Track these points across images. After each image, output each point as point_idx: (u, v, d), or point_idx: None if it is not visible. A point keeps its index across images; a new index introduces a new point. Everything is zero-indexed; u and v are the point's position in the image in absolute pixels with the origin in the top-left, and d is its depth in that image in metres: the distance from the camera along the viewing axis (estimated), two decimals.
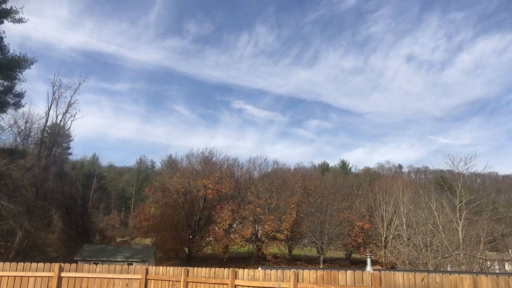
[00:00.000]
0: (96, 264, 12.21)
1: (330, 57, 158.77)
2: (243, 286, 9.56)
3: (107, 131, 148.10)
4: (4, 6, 28.40)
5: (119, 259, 38.38)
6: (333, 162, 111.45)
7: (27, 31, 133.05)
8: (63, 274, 11.28)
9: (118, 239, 65.67)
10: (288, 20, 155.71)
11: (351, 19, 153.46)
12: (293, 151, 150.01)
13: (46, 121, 46.97)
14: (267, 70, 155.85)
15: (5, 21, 28.84)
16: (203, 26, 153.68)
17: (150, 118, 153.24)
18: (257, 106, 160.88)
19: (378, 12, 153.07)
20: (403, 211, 50.83)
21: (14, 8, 28.70)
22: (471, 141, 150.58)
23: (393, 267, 41.49)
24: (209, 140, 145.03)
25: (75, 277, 11.34)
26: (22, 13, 29.06)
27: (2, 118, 33.21)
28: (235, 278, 9.76)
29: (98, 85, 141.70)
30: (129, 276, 11.48)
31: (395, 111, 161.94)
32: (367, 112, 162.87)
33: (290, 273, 8.71)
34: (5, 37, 29.09)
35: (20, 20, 29.19)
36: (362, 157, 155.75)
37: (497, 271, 35.24)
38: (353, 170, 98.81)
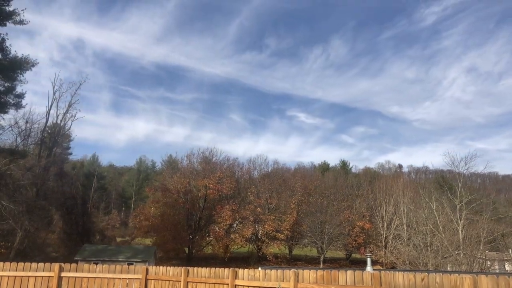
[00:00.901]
0: (96, 264, 12.19)
1: (395, 68, 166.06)
2: (243, 286, 9.56)
3: (156, 136, 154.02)
4: (7, 8, 28.47)
5: (119, 259, 38.39)
6: (334, 162, 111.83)
7: (123, 45, 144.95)
8: (63, 274, 11.28)
9: (118, 239, 65.68)
10: (365, 35, 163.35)
11: (425, 35, 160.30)
12: (331, 155, 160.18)
13: (47, 121, 47.09)
14: (330, 81, 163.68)
15: (8, 23, 28.96)
16: (282, 41, 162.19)
17: (202, 124, 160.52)
18: (309, 113, 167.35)
19: (452, 30, 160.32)
20: (403, 211, 50.83)
21: (16, 11, 28.86)
22: (509, 147, 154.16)
23: (393, 267, 41.49)
24: (251, 145, 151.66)
25: (75, 277, 11.34)
26: (24, 15, 29.25)
27: (3, 118, 33.22)
28: (235, 278, 9.76)
29: (164, 94, 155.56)
30: (129, 276, 11.48)
31: (441, 118, 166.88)
32: (414, 120, 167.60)
33: (290, 273, 8.71)
34: (7, 39, 29.19)
35: (21, 22, 29.29)
36: (397, 160, 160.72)
37: (497, 271, 35.23)
38: (353, 170, 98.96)
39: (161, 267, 11.68)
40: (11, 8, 28.75)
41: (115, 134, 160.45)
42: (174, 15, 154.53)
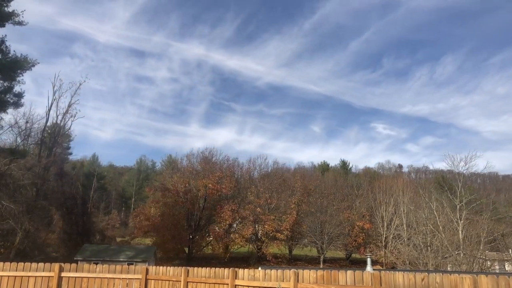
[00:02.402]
0: (96, 264, 12.18)
1: (490, 86, 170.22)
2: (243, 286, 9.56)
3: (232, 144, 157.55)
4: (6, 9, 28.49)
5: (119, 259, 38.40)
6: (334, 162, 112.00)
7: (248, 67, 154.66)
8: (63, 274, 11.28)
9: (118, 239, 65.67)
10: (475, 57, 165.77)
11: None
12: (390, 159, 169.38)
13: (47, 121, 47.04)
14: (425, 97, 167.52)
15: (7, 24, 28.99)
16: (399, 60, 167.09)
17: (280, 134, 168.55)
18: (390, 124, 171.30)
19: None
20: (403, 211, 50.82)
21: (16, 11, 28.90)
22: None
23: (393, 267, 41.49)
24: (317, 152, 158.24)
25: (75, 277, 11.34)
26: (23, 16, 29.30)
27: (2, 118, 33.22)
28: (235, 278, 9.76)
29: (261, 109, 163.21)
30: (129, 276, 11.48)
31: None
32: (486, 131, 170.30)
33: (290, 273, 8.71)
34: (7, 40, 29.23)
35: (20, 23, 29.33)
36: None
37: (497, 271, 35.22)
38: (353, 170, 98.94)
39: (161, 267, 11.68)
40: (10, 9, 28.80)
41: (195, 142, 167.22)
42: (304, 42, 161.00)
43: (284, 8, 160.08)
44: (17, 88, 31.10)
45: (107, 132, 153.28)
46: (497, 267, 37.20)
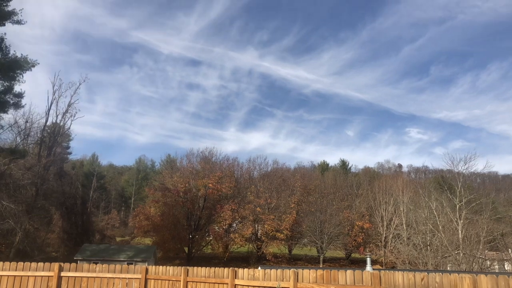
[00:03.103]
0: (96, 263, 12.17)
1: None
2: (243, 285, 9.56)
3: (264, 148, 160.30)
4: (6, 8, 28.48)
5: (118, 259, 38.40)
6: (334, 162, 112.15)
7: (300, 76, 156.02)
8: (63, 274, 11.28)
9: (118, 239, 65.69)
10: None
11: None
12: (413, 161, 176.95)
13: (46, 120, 47.06)
14: (465, 104, 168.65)
15: (6, 23, 28.97)
16: (447, 69, 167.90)
17: (313, 138, 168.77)
18: (424, 129, 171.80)
19: None
20: (403, 211, 50.85)
21: (15, 11, 28.89)
22: None
23: (393, 267, 41.51)
24: (347, 154, 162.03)
25: (75, 277, 11.33)
26: (21, 15, 29.28)
27: (3, 118, 33.21)
28: (235, 278, 9.76)
29: (301, 114, 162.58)
30: (129, 275, 11.48)
31: None
32: None
33: (290, 272, 8.71)
34: (6, 38, 29.19)
35: (19, 22, 29.32)
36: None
37: (497, 271, 35.24)
38: (353, 169, 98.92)
39: (160, 266, 11.67)
40: (9, 8, 28.79)
41: (228, 146, 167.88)
42: (358, 52, 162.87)
43: (347, 19, 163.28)
44: (17, 89, 31.12)
45: (145, 136, 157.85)
46: (496, 266, 37.20)
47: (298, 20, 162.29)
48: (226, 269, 10.06)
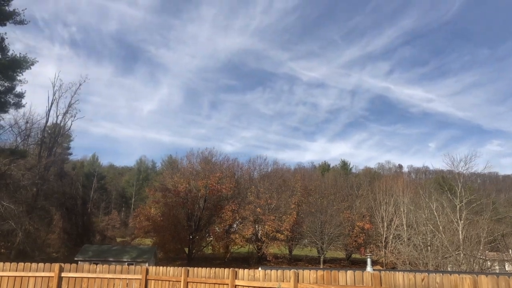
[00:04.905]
0: (96, 264, 12.18)
1: None
2: (243, 286, 9.56)
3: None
4: (7, 8, 28.50)
5: (119, 259, 38.38)
6: (334, 162, 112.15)
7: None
8: (63, 274, 11.28)
9: (118, 239, 65.71)
10: None
11: None
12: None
13: (47, 121, 47.08)
14: None
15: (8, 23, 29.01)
16: None
17: (393, 149, 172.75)
18: (507, 142, 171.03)
19: None
20: (404, 211, 50.80)
21: (17, 11, 28.93)
22: None
23: (393, 267, 41.47)
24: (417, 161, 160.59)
25: (75, 277, 11.34)
26: (24, 15, 29.30)
27: (3, 118, 33.24)
28: (235, 278, 9.76)
29: (396, 129, 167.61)
30: (129, 276, 11.48)
31: None
32: None
33: (290, 273, 8.71)
34: (7, 38, 29.20)
35: (21, 22, 29.34)
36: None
37: (497, 271, 35.20)
38: (353, 170, 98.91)
39: (161, 267, 11.68)
40: (11, 8, 28.83)
41: (307, 155, 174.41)
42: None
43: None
44: (18, 89, 31.16)
45: (235, 146, 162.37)
46: (497, 267, 37.15)
47: (426, 50, 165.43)
48: (226, 269, 10.06)
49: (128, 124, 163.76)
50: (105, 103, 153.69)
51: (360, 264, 49.43)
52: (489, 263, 35.70)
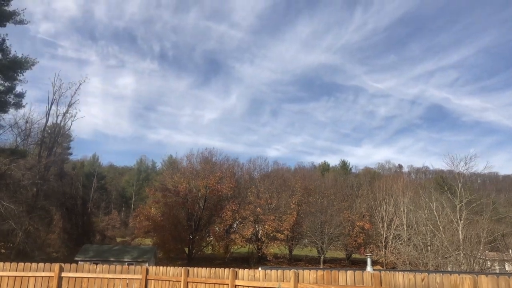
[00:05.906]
0: (96, 264, 12.18)
1: None
2: (243, 286, 9.56)
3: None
4: (7, 8, 28.51)
5: (119, 259, 38.37)
6: (334, 162, 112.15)
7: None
8: (63, 274, 11.29)
9: (118, 239, 65.71)
10: None
11: None
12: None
13: (47, 121, 47.01)
14: None
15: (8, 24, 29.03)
16: None
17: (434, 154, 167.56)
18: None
19: None
20: (404, 211, 50.81)
21: (17, 11, 28.95)
22: None
23: (393, 267, 41.47)
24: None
25: (75, 277, 11.34)
26: (24, 15, 29.32)
27: (3, 118, 33.23)
28: (235, 278, 9.76)
29: (441, 136, 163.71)
30: (129, 276, 11.48)
31: None
32: None
33: (290, 273, 8.71)
34: (8, 39, 29.24)
35: (21, 22, 29.35)
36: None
37: (497, 271, 35.20)
38: (353, 170, 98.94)
39: (161, 267, 11.68)
40: (11, 9, 28.84)
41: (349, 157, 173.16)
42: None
43: None
44: (18, 88, 31.18)
45: (281, 151, 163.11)
46: (497, 267, 37.16)
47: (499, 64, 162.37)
48: (226, 269, 10.06)
49: (184, 130, 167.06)
50: (170, 112, 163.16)
51: (360, 264, 49.43)
52: (489, 263, 35.70)
